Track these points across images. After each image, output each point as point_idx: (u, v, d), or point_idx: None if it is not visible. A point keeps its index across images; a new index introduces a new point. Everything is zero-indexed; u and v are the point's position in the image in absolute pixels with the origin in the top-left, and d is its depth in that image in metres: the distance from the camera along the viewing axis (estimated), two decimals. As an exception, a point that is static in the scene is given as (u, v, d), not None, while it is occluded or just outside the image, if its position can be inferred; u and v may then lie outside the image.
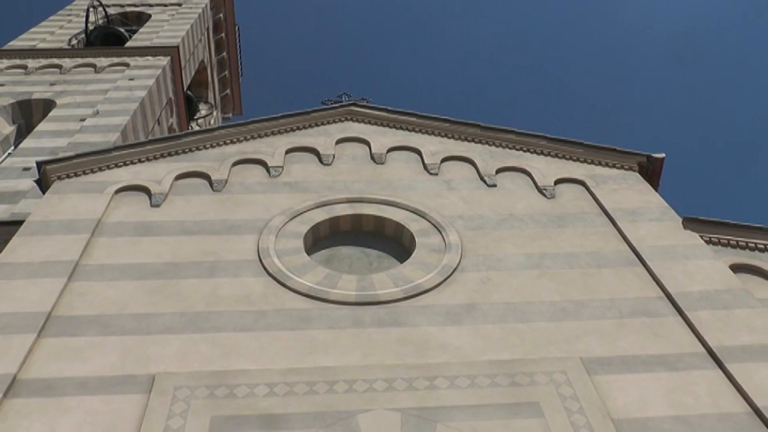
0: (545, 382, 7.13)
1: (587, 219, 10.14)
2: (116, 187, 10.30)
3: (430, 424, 6.59)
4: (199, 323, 7.78)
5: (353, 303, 8.18)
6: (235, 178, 10.88)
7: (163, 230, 9.43)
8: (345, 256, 9.73)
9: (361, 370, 7.19)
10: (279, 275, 8.56)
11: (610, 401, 6.95)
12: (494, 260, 9.08)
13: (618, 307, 8.30)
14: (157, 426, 6.44)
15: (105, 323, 7.72)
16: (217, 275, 8.58)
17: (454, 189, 10.80)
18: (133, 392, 6.85)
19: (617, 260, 9.18)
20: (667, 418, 6.77)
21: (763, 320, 8.04)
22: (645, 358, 7.53)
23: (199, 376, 7.04)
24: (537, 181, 11.01)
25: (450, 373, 7.19)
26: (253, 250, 9.10)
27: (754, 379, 7.20)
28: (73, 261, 8.58)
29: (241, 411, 6.65)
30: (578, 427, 6.60)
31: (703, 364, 7.49)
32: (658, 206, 10.41)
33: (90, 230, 9.22)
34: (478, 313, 8.10)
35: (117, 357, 7.27)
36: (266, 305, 8.10)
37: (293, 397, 6.84)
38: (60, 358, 7.23)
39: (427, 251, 9.25)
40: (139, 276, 8.50)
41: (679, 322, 8.11)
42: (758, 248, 9.73)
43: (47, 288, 8.10)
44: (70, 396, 6.77)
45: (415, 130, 12.51)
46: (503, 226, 9.85)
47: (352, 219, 10.14)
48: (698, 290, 8.52)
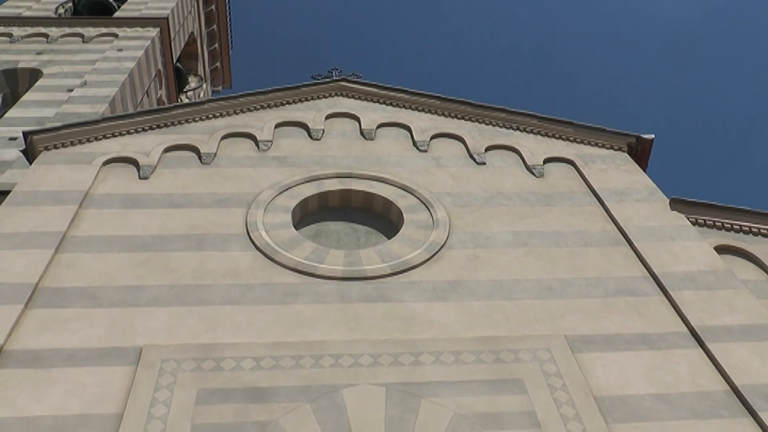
0: (529, 359, 7.21)
1: (575, 198, 10.19)
2: (104, 159, 10.24)
3: (414, 399, 6.66)
4: (186, 296, 7.80)
5: (340, 278, 8.21)
6: (223, 151, 10.83)
7: (152, 203, 9.39)
8: (333, 232, 9.75)
9: (347, 345, 7.24)
10: (267, 249, 8.57)
11: (593, 379, 7.05)
12: (482, 238, 9.13)
13: (603, 286, 8.38)
14: (144, 398, 6.47)
15: (92, 295, 7.72)
16: (204, 248, 8.58)
17: (443, 166, 10.81)
18: (120, 364, 6.87)
19: (604, 240, 9.25)
20: (647, 395, 6.88)
21: (745, 301, 8.14)
22: (628, 336, 7.62)
23: (186, 349, 7.07)
24: (526, 159, 11.03)
25: (435, 349, 7.26)
26: (242, 223, 9.10)
27: (734, 359, 7.32)
28: (61, 232, 8.55)
29: (228, 384, 6.70)
30: (561, 403, 6.69)
31: (685, 343, 7.60)
32: (645, 187, 10.47)
33: (77, 202, 9.18)
34: (465, 290, 8.16)
35: (104, 329, 7.28)
36: (253, 279, 8.12)
37: (279, 371, 6.88)
38: (47, 329, 7.23)
39: (415, 227, 9.28)
40: (127, 248, 8.49)
41: (662, 301, 8.20)
42: (743, 230, 9.83)
43: (34, 259, 8.07)
44: (57, 367, 6.79)
45: (405, 107, 12.48)
46: (491, 204, 9.88)
47: (340, 194, 10.14)
48: (683, 271, 8.61)
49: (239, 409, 6.43)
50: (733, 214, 9.92)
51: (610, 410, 6.67)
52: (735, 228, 9.81)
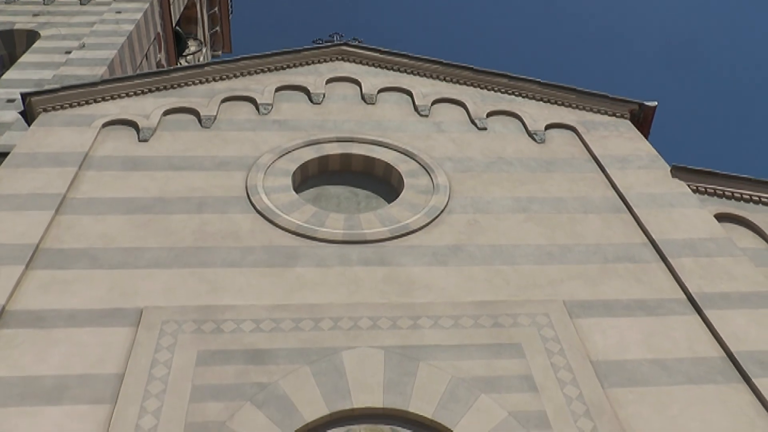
0: (528, 323, 7.26)
1: (576, 165, 10.16)
2: (103, 121, 10.19)
3: (412, 362, 6.72)
4: (186, 258, 7.82)
5: (340, 241, 8.23)
6: (224, 114, 10.77)
7: (151, 165, 9.37)
8: (333, 195, 9.74)
9: (346, 308, 7.29)
10: (267, 212, 8.58)
11: (591, 343, 7.10)
12: (482, 203, 9.12)
13: (603, 252, 8.40)
14: (145, 359, 6.53)
15: (93, 257, 7.74)
16: (205, 211, 8.58)
17: (444, 131, 10.76)
18: (121, 325, 6.92)
19: (604, 206, 9.25)
20: (644, 360, 6.94)
21: (743, 269, 8.17)
22: (626, 302, 7.66)
23: (187, 310, 7.11)
24: (528, 125, 10.97)
25: (434, 312, 7.30)
26: (242, 186, 9.09)
27: (730, 326, 7.37)
28: (61, 194, 8.54)
29: (228, 346, 6.75)
30: (558, 368, 6.75)
31: (683, 309, 7.64)
32: (647, 154, 10.43)
33: (77, 163, 9.15)
34: (464, 255, 8.18)
35: (105, 290, 7.32)
36: (254, 242, 8.14)
37: (279, 333, 6.94)
38: (48, 290, 7.26)
39: (415, 192, 9.27)
40: (127, 210, 8.49)
41: (661, 268, 8.23)
42: (744, 198, 9.82)
43: (34, 220, 8.08)
44: (59, 328, 6.84)
45: (406, 72, 12.38)
46: (492, 169, 9.86)
47: (341, 158, 10.11)
48: (682, 238, 8.63)
49: (239, 371, 6.49)
50: (734, 181, 9.90)
51: (606, 375, 6.74)
52: (735, 196, 9.80)
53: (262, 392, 6.29)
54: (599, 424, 6.19)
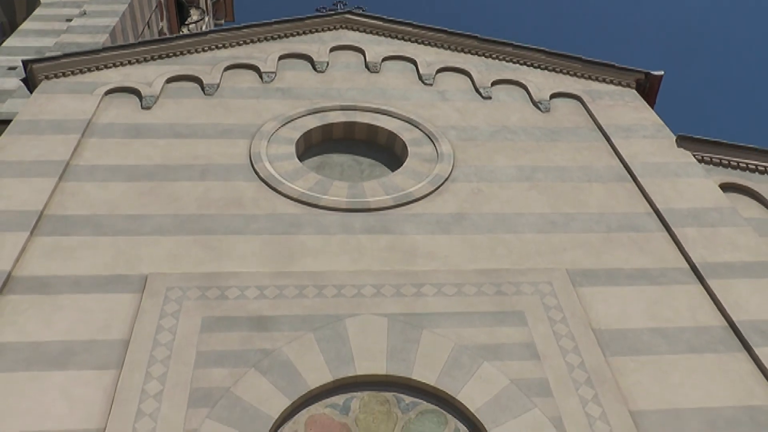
0: (530, 292, 7.28)
1: (581, 134, 10.11)
2: (106, 89, 10.14)
3: (416, 329, 6.76)
4: (190, 225, 7.83)
5: (344, 209, 8.23)
6: (227, 82, 10.71)
7: (154, 132, 9.34)
8: (337, 164, 9.72)
9: (349, 275, 7.31)
10: (270, 180, 8.57)
11: (593, 312, 7.13)
12: (486, 171, 9.10)
13: (606, 221, 8.39)
14: (150, 325, 6.58)
15: (97, 223, 7.76)
16: (208, 178, 8.57)
17: (449, 100, 10.69)
18: (126, 292, 6.96)
19: (608, 175, 9.22)
20: (646, 329, 6.97)
21: (747, 238, 8.16)
22: (629, 271, 7.67)
23: (191, 277, 7.14)
24: (532, 94, 10.90)
25: (437, 280, 7.33)
26: (245, 154, 9.07)
27: (732, 295, 7.38)
28: (64, 161, 8.53)
29: (232, 312, 6.79)
30: (560, 336, 6.78)
31: (685, 279, 7.65)
32: (652, 123, 10.37)
33: (80, 131, 9.13)
34: (468, 223, 8.18)
35: (109, 257, 7.34)
36: (257, 209, 8.14)
37: (283, 300, 6.97)
38: (53, 256, 7.29)
39: (419, 160, 9.24)
40: (131, 177, 8.48)
41: (665, 237, 8.22)
42: (749, 168, 9.77)
43: (38, 187, 8.08)
44: (65, 294, 6.88)
45: (410, 40, 12.27)
46: (496, 138, 9.81)
47: (344, 126, 10.07)
48: (686, 207, 8.61)
49: (243, 337, 6.54)
50: (740, 151, 9.85)
51: (608, 343, 6.77)
52: (741, 166, 9.75)
53: (266, 359, 6.34)
54: (600, 392, 6.24)
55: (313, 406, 6.13)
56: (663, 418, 6.10)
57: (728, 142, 9.87)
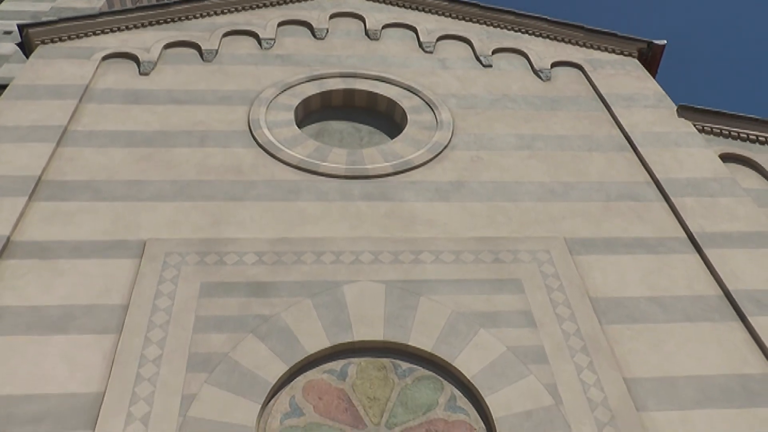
0: (528, 260, 7.30)
1: (582, 103, 10.06)
2: (103, 54, 10.05)
3: (413, 296, 6.80)
4: (189, 191, 7.83)
5: (343, 176, 8.22)
6: (225, 49, 10.61)
7: (153, 98, 9.29)
8: (336, 131, 9.68)
9: (348, 242, 7.33)
10: (269, 146, 8.54)
11: (590, 280, 7.16)
12: (485, 139, 9.07)
13: (605, 190, 8.39)
14: (149, 290, 6.61)
15: (96, 189, 7.75)
16: (207, 145, 8.54)
17: (449, 68, 10.61)
18: (125, 257, 6.98)
19: (608, 145, 9.19)
20: (642, 298, 7.00)
21: (745, 209, 8.17)
22: (627, 240, 7.69)
23: (190, 243, 7.15)
24: (533, 63, 10.81)
25: (435, 248, 7.35)
26: (244, 121, 9.03)
27: (729, 265, 7.41)
28: (62, 126, 8.50)
29: (230, 278, 6.82)
30: (557, 304, 6.82)
31: (683, 248, 7.67)
32: (654, 93, 10.30)
33: (78, 96, 9.07)
34: (467, 191, 8.18)
35: (108, 222, 7.35)
36: (256, 176, 8.13)
37: (281, 266, 6.99)
38: (52, 221, 7.30)
39: (419, 128, 9.20)
40: (129, 143, 8.46)
41: (664, 207, 8.23)
42: (750, 139, 9.74)
43: (36, 152, 8.06)
44: (64, 259, 6.89)
45: (411, 8, 12.13)
46: (496, 106, 9.76)
47: (344, 94, 10.01)
48: (686, 177, 8.60)
49: (242, 303, 6.57)
50: (740, 121, 9.80)
51: (605, 311, 6.81)
52: (741, 136, 9.71)
53: (264, 324, 6.38)
54: (596, 359, 6.29)
55: (311, 372, 6.18)
56: (657, 385, 6.16)
57: (729, 113, 9.82)
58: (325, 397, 5.97)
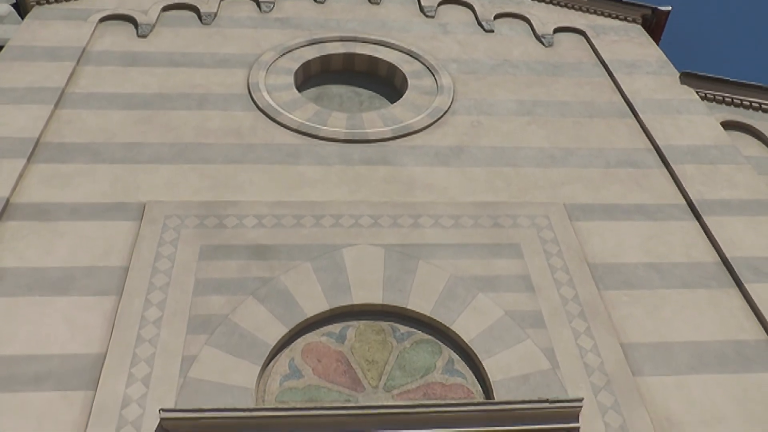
0: (527, 225, 7.32)
1: (583, 69, 9.98)
2: (100, 16, 9.93)
3: (412, 260, 6.82)
4: (188, 154, 7.80)
5: (342, 140, 8.19)
6: (224, 11, 10.48)
7: (151, 61, 9.20)
8: (335, 95, 9.62)
9: (347, 205, 7.33)
10: (269, 110, 8.50)
11: (588, 246, 7.18)
12: (486, 105, 9.02)
13: (605, 156, 8.36)
14: (148, 253, 6.62)
15: (94, 151, 7.73)
16: (206, 108, 8.49)
17: (450, 33, 10.51)
18: (125, 219, 6.98)
19: (610, 111, 9.14)
20: (640, 264, 7.03)
21: (745, 177, 8.16)
22: (626, 207, 7.70)
23: (189, 205, 7.15)
24: (536, 28, 10.70)
25: (435, 212, 7.35)
26: (243, 84, 8.96)
27: (727, 232, 7.42)
28: (59, 88, 8.43)
29: (230, 241, 6.83)
30: (555, 269, 6.85)
31: (682, 215, 7.68)
32: (657, 60, 10.22)
33: (75, 58, 8.98)
34: (466, 156, 8.16)
35: (107, 184, 7.34)
36: (255, 139, 8.10)
37: (281, 229, 7.00)
38: (51, 183, 7.28)
39: (419, 93, 9.14)
40: (127, 106, 8.40)
41: (664, 174, 8.22)
42: (753, 107, 9.68)
43: (34, 114, 8.01)
44: (64, 221, 6.89)
45: (413, -31, 11.95)
46: (497, 72, 9.69)
47: (344, 58, 9.92)
48: (686, 144, 8.57)
49: (241, 266, 6.59)
50: (743, 89, 9.73)
51: (602, 277, 6.85)
52: (744, 104, 9.66)
53: (264, 287, 6.41)
54: (593, 324, 6.34)
55: (310, 335, 6.22)
56: (653, 350, 6.21)
57: (732, 80, 9.74)
58: (324, 360, 6.03)
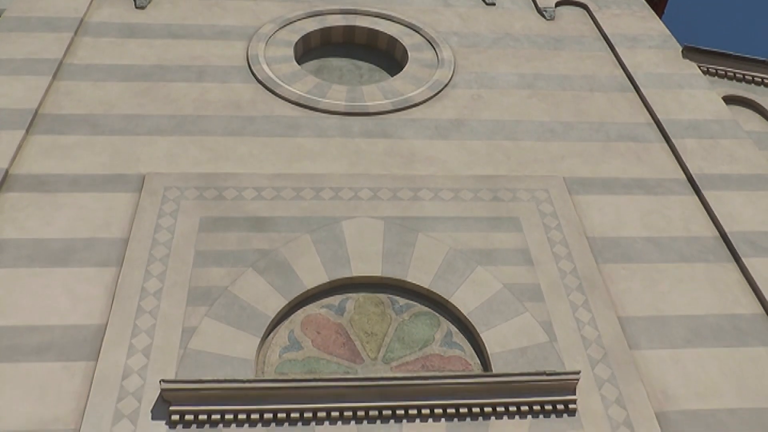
0: (527, 198, 7.32)
1: (585, 42, 9.91)
2: (98, -14, 9.83)
3: (411, 232, 6.83)
4: (187, 126, 7.78)
5: (342, 113, 8.16)
6: (223, -18, 10.37)
7: (150, 33, 9.13)
8: (335, 68, 9.57)
9: (347, 178, 7.32)
10: (268, 82, 8.45)
11: (588, 220, 7.19)
12: (486, 78, 8.97)
13: (606, 130, 8.34)
14: (148, 224, 6.63)
15: (93, 123, 7.70)
16: (205, 80, 8.45)
17: (451, 5, 10.41)
18: (124, 191, 6.98)
19: (611, 85, 9.10)
20: (639, 238, 7.05)
21: (746, 151, 8.14)
22: (626, 181, 7.70)
23: (189, 177, 7.15)
24: (537, 2, 10.60)
25: (434, 185, 7.35)
26: (242, 56, 8.91)
27: (726, 206, 7.43)
28: (57, 59, 8.38)
29: (230, 213, 6.84)
30: (554, 242, 6.87)
31: (681, 189, 7.68)
32: (659, 34, 10.14)
33: (73, 29, 8.91)
34: (466, 129, 8.14)
35: (107, 156, 7.33)
36: (255, 111, 8.07)
37: (280, 202, 7.01)
38: (50, 155, 7.27)
39: (419, 66, 9.09)
40: (126, 77, 8.36)
41: (664, 148, 8.20)
42: (755, 81, 9.63)
43: (32, 85, 7.97)
44: (63, 192, 6.90)
45: (414, -60, 11.81)
46: (498, 45, 9.62)
47: (344, 30, 9.84)
48: (688, 119, 8.54)
49: (241, 237, 6.61)
50: (746, 63, 9.67)
51: (601, 251, 6.87)
52: (747, 78, 9.61)
53: (263, 259, 6.43)
54: (591, 297, 6.37)
55: (309, 306, 6.26)
56: (649, 324, 6.26)
57: (735, 54, 9.68)
58: (323, 332, 6.07)
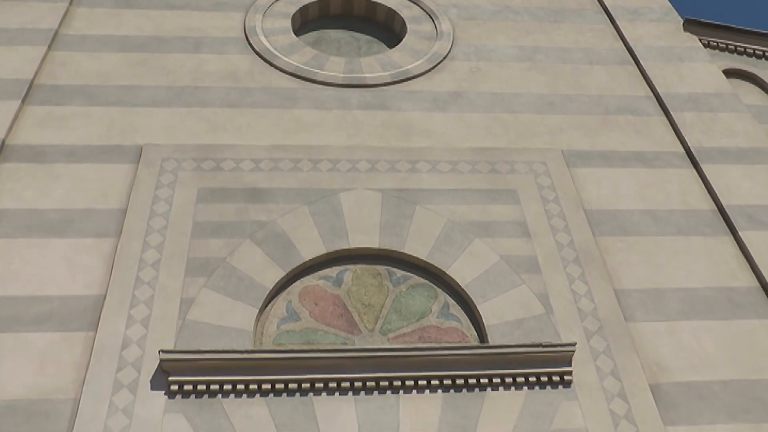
0: (525, 171, 7.31)
1: (586, 15, 9.82)
2: (94, -45, 9.71)
3: (409, 204, 6.84)
4: (184, 97, 7.74)
5: (340, 85, 8.12)
6: (220, -49, 10.24)
7: (146, 3, 9.04)
8: (333, 40, 9.49)
9: (345, 150, 7.31)
10: (266, 54, 8.39)
11: (585, 193, 7.20)
12: (485, 51, 8.91)
13: (605, 103, 8.31)
14: (146, 195, 6.63)
15: (90, 93, 7.66)
16: (202, 51, 8.39)
17: (451, -24, 10.30)
18: (122, 162, 6.97)
19: (610, 58, 9.04)
20: (636, 211, 7.06)
21: (745, 125, 8.12)
22: (624, 154, 7.68)
23: (186, 148, 7.13)
24: (538, -28, 10.49)
25: (432, 157, 7.34)
26: (240, 28, 8.83)
27: (724, 180, 7.43)
28: (52, 29, 8.30)
29: (227, 184, 6.84)
30: (552, 215, 6.88)
31: (680, 163, 7.67)
32: (660, 6, 10.05)
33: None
34: (465, 102, 8.11)
35: (104, 127, 7.30)
36: (252, 83, 8.03)
37: (278, 173, 7.00)
38: (46, 125, 7.24)
39: (418, 38, 9.02)
40: (122, 48, 8.29)
41: (663, 121, 8.18)
42: (756, 54, 9.57)
43: (27, 56, 7.91)
44: (60, 163, 6.88)
45: None
46: (498, 17, 9.54)
47: (342, 2, 9.75)
48: (687, 92, 8.51)
49: (239, 209, 6.61)
50: (747, 36, 9.60)
51: (598, 223, 6.88)
52: (748, 52, 9.55)
53: (261, 230, 6.44)
54: (587, 270, 6.40)
55: (307, 278, 6.29)
56: (645, 296, 6.29)
57: (736, 27, 9.61)
58: (321, 303, 6.10)
